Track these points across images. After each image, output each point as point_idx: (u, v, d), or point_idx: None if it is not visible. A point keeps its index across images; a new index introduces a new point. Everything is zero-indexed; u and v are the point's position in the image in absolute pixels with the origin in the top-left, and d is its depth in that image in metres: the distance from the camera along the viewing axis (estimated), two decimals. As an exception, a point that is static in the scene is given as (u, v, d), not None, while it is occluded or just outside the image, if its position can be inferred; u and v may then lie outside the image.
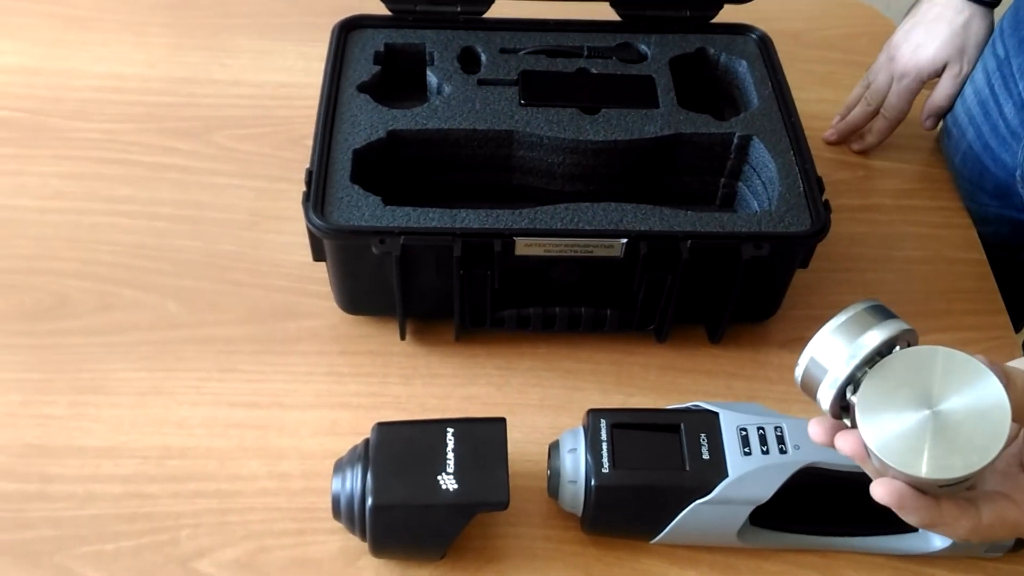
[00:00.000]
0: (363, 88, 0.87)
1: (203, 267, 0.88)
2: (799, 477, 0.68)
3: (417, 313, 0.84)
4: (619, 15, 0.94)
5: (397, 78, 0.91)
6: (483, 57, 0.91)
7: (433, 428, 0.69)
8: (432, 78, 0.90)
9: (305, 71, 1.05)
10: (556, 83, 0.89)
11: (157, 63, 1.07)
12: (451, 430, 0.69)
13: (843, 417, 0.54)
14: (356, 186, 0.79)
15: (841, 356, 0.53)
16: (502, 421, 0.70)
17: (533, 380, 0.83)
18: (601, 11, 0.93)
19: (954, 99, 1.00)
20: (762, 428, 0.70)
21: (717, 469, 0.68)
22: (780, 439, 0.69)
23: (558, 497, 0.71)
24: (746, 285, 0.79)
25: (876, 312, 0.54)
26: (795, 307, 0.88)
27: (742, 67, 0.92)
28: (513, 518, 0.73)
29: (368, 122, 0.84)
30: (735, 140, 0.86)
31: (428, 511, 0.67)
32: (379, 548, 0.69)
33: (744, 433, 0.70)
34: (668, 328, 0.84)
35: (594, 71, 0.91)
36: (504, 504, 0.66)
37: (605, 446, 0.69)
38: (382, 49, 0.91)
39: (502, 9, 0.92)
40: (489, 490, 0.67)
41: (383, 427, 0.70)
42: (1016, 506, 0.54)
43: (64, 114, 1.01)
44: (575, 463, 0.70)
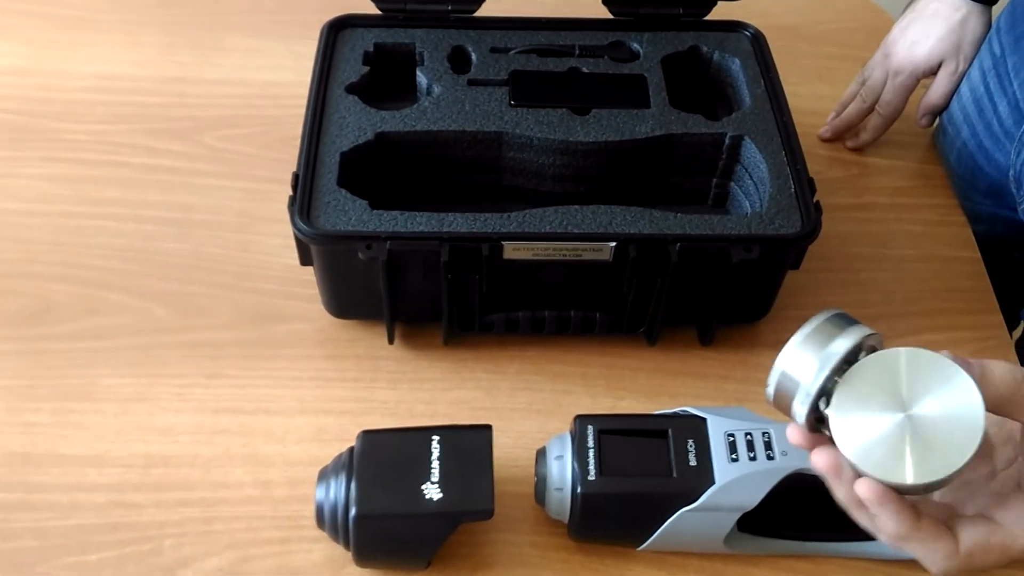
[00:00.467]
0: (351, 89, 0.87)
1: (190, 270, 0.88)
2: (786, 483, 0.68)
3: (405, 317, 0.83)
4: (611, 13, 0.93)
5: (386, 78, 0.91)
6: (473, 56, 0.90)
7: (418, 436, 0.69)
8: (422, 78, 0.89)
9: (295, 69, 1.04)
10: (546, 83, 0.88)
11: (147, 63, 1.06)
12: (436, 438, 0.68)
13: (818, 429, 0.54)
14: (343, 190, 0.78)
15: (810, 368, 0.52)
16: (488, 428, 0.69)
17: (522, 384, 0.82)
18: (593, 9, 0.92)
19: (950, 97, 0.99)
20: (749, 434, 0.69)
21: (704, 476, 0.68)
22: (767, 445, 0.69)
23: (545, 504, 0.70)
24: (736, 287, 0.79)
25: (839, 320, 0.53)
26: (787, 308, 0.87)
27: (735, 65, 0.91)
28: (500, 525, 0.73)
29: (356, 124, 0.84)
30: (727, 140, 0.85)
31: (412, 520, 0.66)
32: (363, 557, 0.68)
33: (731, 439, 0.69)
34: (658, 331, 0.83)
35: (585, 70, 0.90)
36: (488, 513, 0.66)
37: (592, 453, 0.69)
38: (371, 49, 0.90)
39: (493, 7, 0.91)
40: (474, 499, 0.66)
41: (368, 435, 0.69)
42: (1002, 530, 0.52)
43: (52, 115, 1.00)
44: (561, 470, 0.69)
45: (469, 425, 0.70)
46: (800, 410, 0.53)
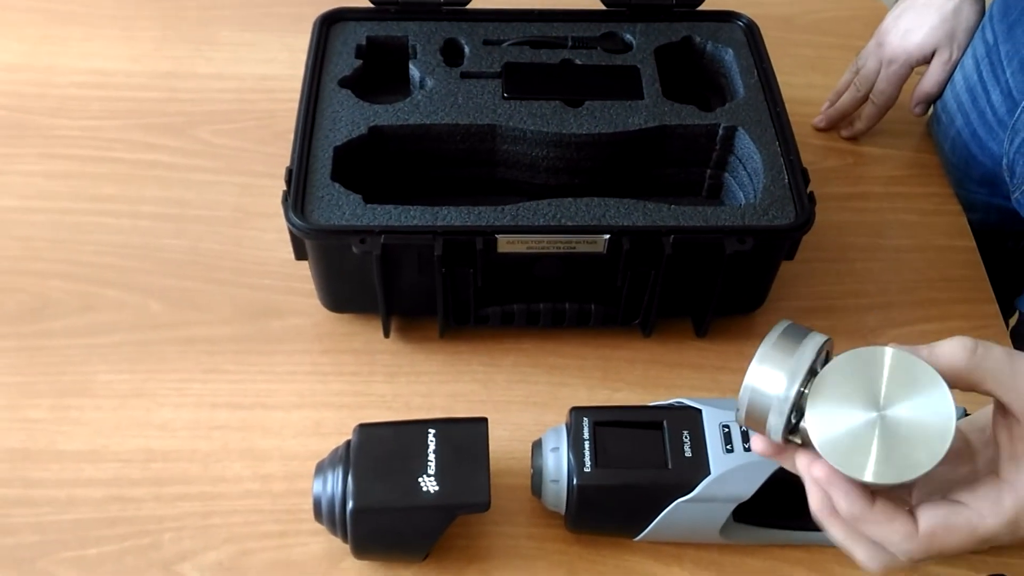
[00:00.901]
0: (344, 83, 0.87)
1: (186, 266, 0.88)
2: (782, 473, 0.67)
3: (401, 311, 0.84)
4: (604, 3, 0.93)
5: (379, 72, 0.91)
6: (466, 49, 0.90)
7: (414, 429, 0.69)
8: (415, 71, 0.89)
9: (289, 63, 1.04)
10: (539, 75, 0.89)
11: (141, 58, 1.06)
12: (432, 431, 0.68)
13: (788, 440, 0.54)
14: (337, 184, 0.78)
15: (781, 380, 0.53)
16: (483, 421, 0.69)
17: (518, 377, 0.82)
18: (585, 0, 0.92)
19: (943, 85, 0.99)
20: (745, 425, 0.69)
21: (699, 467, 0.68)
22: (763, 436, 0.69)
23: (541, 496, 0.71)
24: (730, 279, 0.79)
25: (794, 331, 0.54)
26: (782, 298, 0.87)
27: (728, 55, 0.91)
28: (497, 517, 0.73)
29: (349, 118, 0.84)
30: (720, 131, 0.86)
31: (409, 513, 0.66)
32: (361, 550, 0.69)
33: (727, 430, 0.69)
34: (653, 322, 0.84)
35: (578, 62, 0.90)
36: (485, 506, 0.66)
37: (587, 445, 0.69)
38: (364, 43, 0.90)
39: (485, -1, 0.91)
40: (470, 492, 0.66)
41: (364, 428, 0.69)
42: (967, 510, 0.50)
43: (47, 111, 1.00)
44: (557, 462, 0.70)
45: (465, 418, 0.71)
46: (777, 421, 0.53)
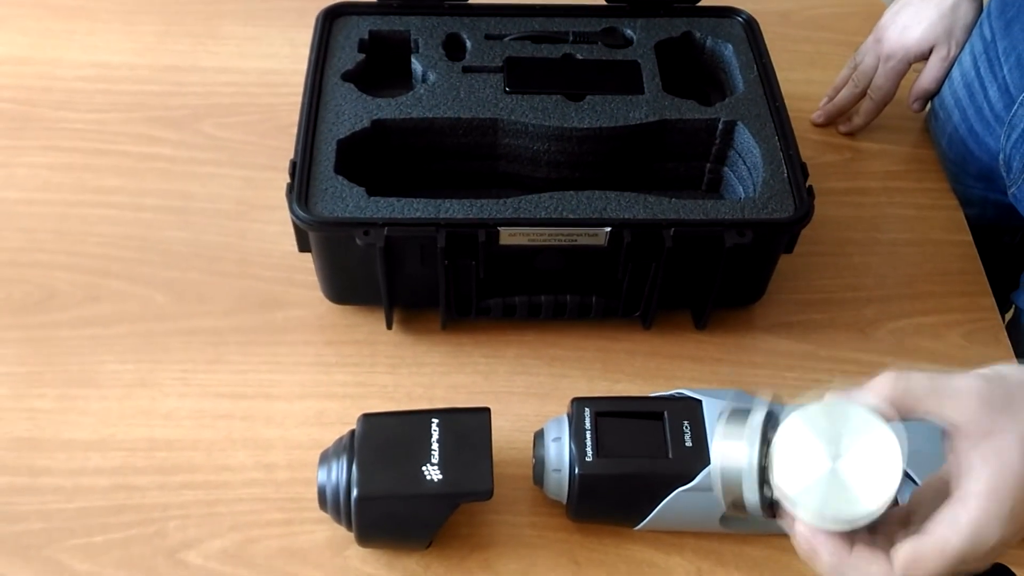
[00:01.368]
0: (347, 77, 0.87)
1: (190, 258, 0.89)
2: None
3: (403, 302, 0.84)
4: (605, -1, 0.94)
5: (382, 66, 0.91)
6: (468, 43, 0.91)
7: (418, 419, 0.70)
8: (417, 66, 0.90)
9: (291, 57, 1.05)
10: (541, 70, 0.89)
11: (145, 51, 1.07)
12: (435, 420, 0.69)
13: (772, 504, 0.56)
14: (340, 177, 0.79)
15: (742, 453, 0.55)
16: (486, 411, 0.70)
17: (519, 368, 0.83)
18: (587, -7, 0.93)
19: (941, 82, 1.00)
20: (744, 415, 0.70)
21: (699, 456, 0.69)
22: (762, 426, 0.70)
23: (543, 485, 0.72)
24: (730, 272, 0.80)
25: (741, 399, 0.59)
26: (781, 291, 0.88)
27: (728, 51, 0.92)
28: (499, 506, 0.74)
29: (352, 112, 0.84)
30: (720, 125, 0.86)
31: (413, 501, 0.67)
32: (365, 538, 0.69)
33: (726, 421, 0.70)
34: (653, 315, 0.84)
35: (579, 57, 0.91)
36: (488, 494, 0.67)
37: (589, 435, 0.70)
38: (366, 37, 0.91)
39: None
40: (473, 480, 0.67)
41: (368, 418, 0.70)
42: (929, 537, 0.52)
43: (52, 104, 1.01)
44: (559, 452, 0.70)
45: (468, 408, 0.71)
46: (752, 498, 0.55)
